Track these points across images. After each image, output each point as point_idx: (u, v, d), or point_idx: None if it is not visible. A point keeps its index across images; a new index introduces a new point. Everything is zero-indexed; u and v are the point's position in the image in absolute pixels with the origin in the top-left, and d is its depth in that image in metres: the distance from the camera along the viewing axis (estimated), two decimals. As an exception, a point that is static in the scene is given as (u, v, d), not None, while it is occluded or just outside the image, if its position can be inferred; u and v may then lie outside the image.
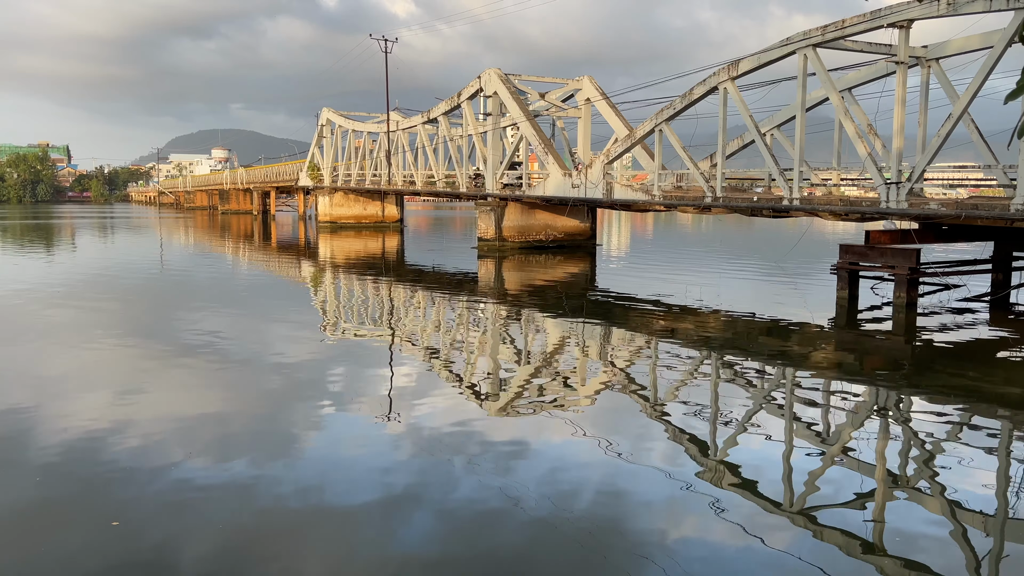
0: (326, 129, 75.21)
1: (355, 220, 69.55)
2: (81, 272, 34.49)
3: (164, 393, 13.70)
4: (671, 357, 17.37)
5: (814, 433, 11.76)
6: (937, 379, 15.37)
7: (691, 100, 30.94)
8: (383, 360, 17.00)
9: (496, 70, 44.76)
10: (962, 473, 9.95)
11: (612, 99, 44.30)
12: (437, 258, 43.84)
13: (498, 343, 19.16)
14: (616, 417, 12.62)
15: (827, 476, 9.98)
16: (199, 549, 7.67)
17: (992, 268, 26.83)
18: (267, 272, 37.17)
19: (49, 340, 18.38)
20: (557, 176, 40.55)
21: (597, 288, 30.25)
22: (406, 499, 8.93)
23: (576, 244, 45.43)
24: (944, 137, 22.68)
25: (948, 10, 21.63)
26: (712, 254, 46.61)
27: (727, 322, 21.72)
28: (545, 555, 7.62)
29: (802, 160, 27.15)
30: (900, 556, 7.69)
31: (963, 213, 22.28)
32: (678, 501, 8.98)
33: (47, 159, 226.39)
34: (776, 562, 7.53)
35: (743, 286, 30.39)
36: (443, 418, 12.24)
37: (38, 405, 12.73)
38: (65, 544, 7.76)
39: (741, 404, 13.19)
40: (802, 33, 25.92)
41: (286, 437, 11.24)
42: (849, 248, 24.62)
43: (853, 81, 29.77)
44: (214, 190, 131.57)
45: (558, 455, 10.59)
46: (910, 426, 12.26)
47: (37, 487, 9.22)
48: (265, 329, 20.64)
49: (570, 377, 15.31)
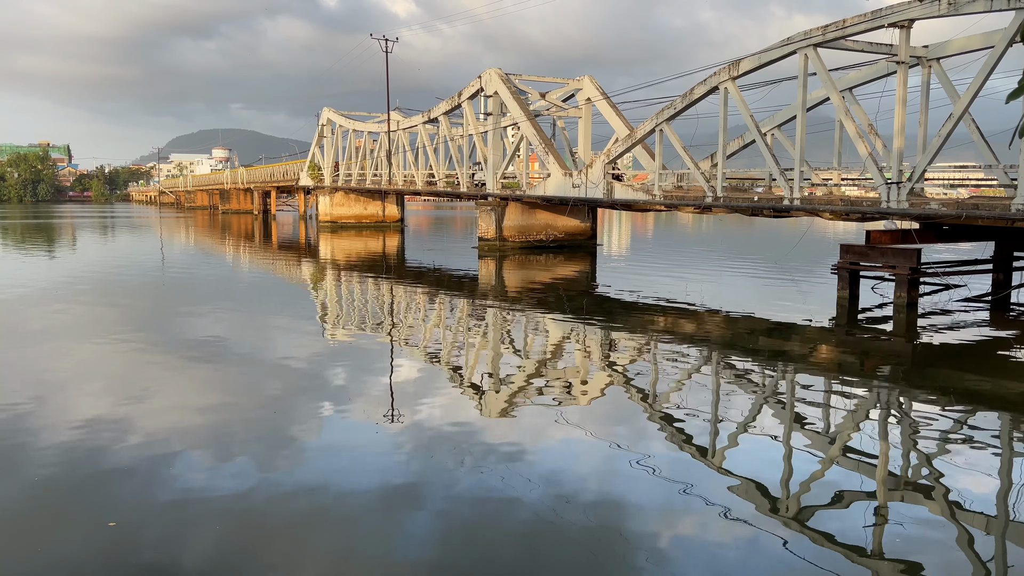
0: (327, 129, 75.20)
1: (356, 220, 69.56)
2: (82, 272, 34.48)
3: (165, 393, 13.69)
4: (672, 357, 17.35)
5: (814, 433, 11.74)
6: (938, 379, 15.36)
7: (692, 100, 30.92)
8: (384, 360, 16.99)
9: (497, 70, 44.74)
10: (963, 474, 9.94)
11: (613, 99, 44.29)
12: (438, 258, 43.84)
13: (498, 343, 19.15)
14: (617, 417, 12.61)
15: (827, 477, 9.97)
16: (200, 549, 7.66)
17: (993, 268, 26.80)
18: (268, 272, 37.17)
19: (50, 340, 18.37)
20: (558, 176, 40.53)
21: (598, 288, 30.24)
22: (407, 499, 8.92)
23: (577, 244, 45.41)
24: (945, 137, 22.65)
25: (949, 10, 21.61)
26: (713, 254, 46.59)
27: (728, 322, 21.70)
28: (546, 556, 7.60)
29: (803, 160, 27.12)
30: (901, 558, 7.68)
31: (964, 213, 22.26)
32: (678, 502, 8.97)
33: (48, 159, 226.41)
34: (776, 563, 7.52)
35: (744, 286, 30.37)
36: (444, 418, 12.23)
37: (40, 405, 12.72)
38: (65, 544, 7.76)
39: (741, 404, 13.18)
40: (803, 33, 25.90)
41: (287, 437, 11.23)
42: (850, 248, 24.60)
43: (854, 81, 29.74)
44: (215, 190, 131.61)
45: (559, 455, 10.59)
46: (911, 426, 12.24)
47: (37, 487, 9.22)
48: (266, 329, 20.63)
49: (571, 377, 15.30)
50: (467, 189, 49.67)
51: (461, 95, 48.62)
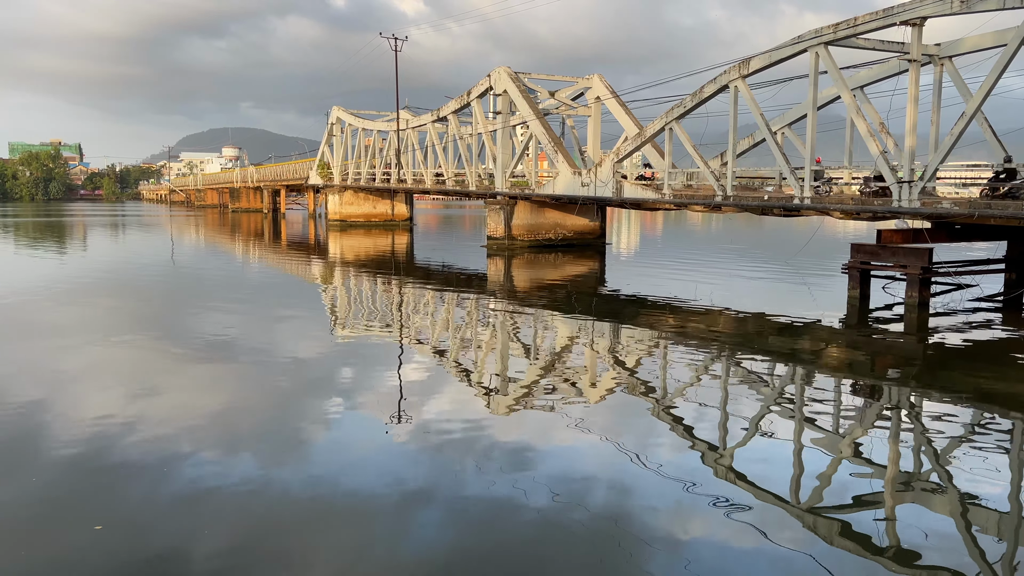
0: (336, 127, 75.32)
1: (365, 218, 69.67)
2: (93, 270, 34.68)
3: (174, 390, 13.77)
4: (681, 356, 17.31)
5: (824, 433, 11.70)
6: (949, 379, 15.27)
7: (702, 98, 30.83)
8: (392, 358, 17.02)
9: (506, 68, 44.71)
10: (974, 474, 9.88)
11: (622, 97, 44.22)
12: (446, 256, 43.88)
13: (507, 342, 19.15)
14: (625, 416, 12.60)
15: (837, 476, 9.93)
16: (209, 546, 7.69)
17: (1005, 268, 26.64)
18: (277, 270, 37.28)
19: (61, 337, 18.48)
20: (567, 174, 40.49)
21: (606, 287, 30.20)
22: (417, 498, 8.93)
23: (586, 243, 45.35)
24: (957, 136, 22.51)
25: (961, 8, 21.47)
26: (722, 253, 46.45)
27: (737, 321, 21.64)
28: (555, 554, 7.60)
29: (813, 159, 27.01)
30: (911, 558, 7.64)
31: (976, 212, 22.11)
32: (687, 500, 8.95)
33: (59, 157, 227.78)
34: (785, 563, 7.50)
35: (753, 285, 30.26)
36: (453, 416, 12.25)
37: (50, 401, 12.80)
38: (72, 542, 7.80)
39: (751, 403, 13.14)
40: (814, 31, 25.78)
41: (296, 435, 11.27)
42: (861, 247, 24.48)
43: (865, 79, 29.61)
44: (224, 188, 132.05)
45: (567, 454, 10.58)
46: (921, 426, 12.18)
47: (47, 484, 9.27)
48: (275, 327, 20.70)
49: (579, 376, 15.29)
50: (476, 188, 49.69)
51: (470, 94, 48.63)
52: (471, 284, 30.69)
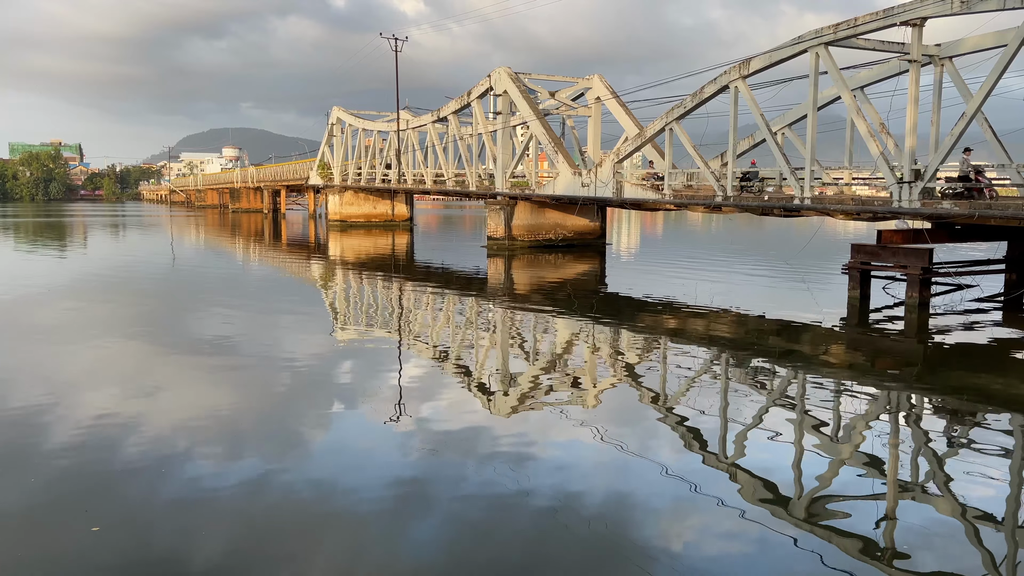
0: (336, 128, 75.32)
1: (365, 219, 69.66)
2: (93, 270, 34.67)
3: (173, 390, 13.75)
4: (681, 356, 17.30)
5: (824, 434, 11.68)
6: (949, 380, 15.25)
7: (702, 99, 30.82)
8: (392, 358, 17.01)
9: (506, 69, 44.70)
10: (975, 475, 9.86)
11: (622, 98, 44.20)
12: (447, 257, 43.87)
13: (507, 342, 19.14)
14: (625, 416, 12.58)
15: (838, 478, 9.91)
16: (208, 547, 7.68)
17: (1005, 268, 26.61)
18: (277, 270, 37.27)
19: (60, 337, 18.47)
20: (567, 175, 40.48)
21: (607, 287, 30.19)
22: (416, 498, 8.92)
23: (586, 243, 45.34)
24: (957, 136, 22.49)
25: (962, 8, 21.45)
26: (722, 253, 46.43)
27: (737, 321, 21.62)
28: (554, 556, 7.59)
29: (814, 159, 27.00)
30: (912, 559, 7.62)
31: (976, 213, 22.09)
32: (687, 502, 8.94)
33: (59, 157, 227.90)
34: (785, 564, 7.48)
35: (753, 285, 30.24)
36: (452, 417, 12.23)
37: (49, 401, 12.78)
38: (70, 543, 7.79)
39: (751, 404, 13.12)
40: (814, 31, 25.76)
41: (296, 435, 11.25)
42: (861, 247, 24.46)
43: (865, 79, 29.58)
44: (225, 188, 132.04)
45: (567, 454, 10.57)
46: (922, 427, 12.16)
47: (45, 485, 9.26)
48: (275, 327, 20.68)
49: (579, 376, 15.28)
50: (476, 188, 49.68)
51: (470, 94, 48.62)
52: (471, 284, 30.68)
